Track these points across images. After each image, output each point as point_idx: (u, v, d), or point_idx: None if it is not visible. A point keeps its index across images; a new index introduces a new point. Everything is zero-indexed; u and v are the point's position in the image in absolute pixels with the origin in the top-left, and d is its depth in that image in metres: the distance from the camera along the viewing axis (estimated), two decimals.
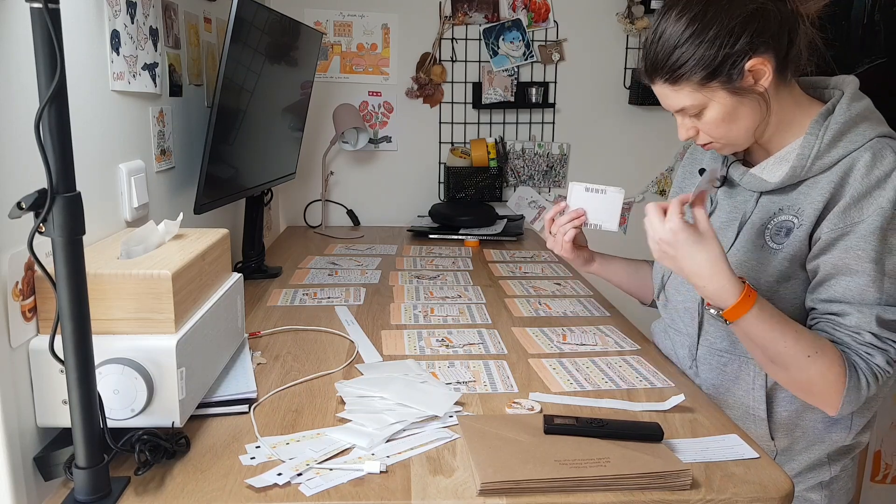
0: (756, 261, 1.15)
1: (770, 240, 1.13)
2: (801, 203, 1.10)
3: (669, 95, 1.11)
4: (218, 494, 0.86)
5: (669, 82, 1.08)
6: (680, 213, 1.06)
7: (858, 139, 1.07)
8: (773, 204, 1.15)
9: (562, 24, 2.63)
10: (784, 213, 1.12)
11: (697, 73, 1.05)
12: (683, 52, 1.04)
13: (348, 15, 2.56)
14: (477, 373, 1.24)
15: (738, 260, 1.16)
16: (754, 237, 1.16)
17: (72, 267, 0.76)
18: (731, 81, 1.04)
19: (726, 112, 1.07)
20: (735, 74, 1.04)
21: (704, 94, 1.07)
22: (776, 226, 1.13)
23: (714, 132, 1.11)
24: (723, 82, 1.05)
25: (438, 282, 1.84)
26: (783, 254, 1.11)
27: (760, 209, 1.16)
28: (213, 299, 1.09)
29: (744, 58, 1.03)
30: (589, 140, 2.73)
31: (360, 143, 2.57)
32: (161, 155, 1.43)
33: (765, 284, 1.13)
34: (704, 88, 1.06)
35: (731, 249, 1.18)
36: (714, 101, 1.07)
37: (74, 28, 1.06)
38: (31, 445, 0.87)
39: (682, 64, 1.05)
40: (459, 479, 0.91)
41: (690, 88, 1.07)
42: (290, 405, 1.11)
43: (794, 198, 1.12)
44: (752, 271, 1.14)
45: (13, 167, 0.84)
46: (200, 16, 1.73)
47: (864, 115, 1.09)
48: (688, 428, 1.06)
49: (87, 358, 0.79)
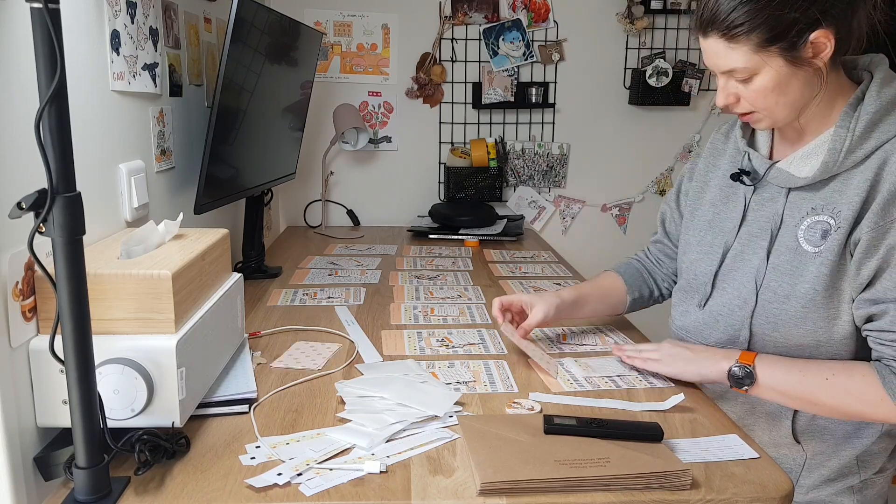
0: (791, 265, 1.09)
1: (805, 241, 1.08)
2: (837, 202, 1.05)
3: (722, 53, 1.03)
4: (218, 494, 0.86)
5: (726, 38, 1.01)
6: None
7: (891, 129, 1.02)
8: (803, 201, 1.09)
9: (562, 24, 2.63)
10: (818, 213, 1.07)
11: (761, 32, 0.98)
12: (750, 7, 0.98)
13: (348, 15, 2.57)
14: (477, 373, 1.24)
15: (774, 264, 1.11)
16: (787, 238, 1.10)
17: (72, 267, 0.76)
18: (792, 49, 0.99)
19: (778, 81, 1.02)
20: (799, 42, 0.98)
21: (761, 56, 1.00)
22: (810, 226, 1.07)
23: (760, 101, 1.05)
24: (783, 49, 0.99)
25: (438, 282, 1.84)
26: (822, 259, 1.05)
27: (791, 207, 1.11)
28: (213, 299, 1.09)
29: (811, 27, 0.97)
30: (589, 140, 2.73)
31: (360, 143, 2.57)
32: (161, 155, 1.43)
33: (803, 294, 1.07)
34: (762, 51, 1.00)
35: (751, 249, 1.15)
36: (768, 66, 1.01)
37: (74, 28, 1.06)
38: (31, 445, 0.87)
39: (747, 21, 0.98)
40: (459, 479, 0.91)
41: (748, 48, 1.00)
42: (290, 405, 1.11)
43: (828, 195, 1.06)
44: (788, 276, 1.09)
45: (13, 167, 0.84)
46: (200, 16, 1.73)
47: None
48: (688, 428, 1.06)
49: (87, 358, 0.79)
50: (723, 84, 1.08)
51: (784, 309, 1.09)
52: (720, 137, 1.29)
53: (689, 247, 1.28)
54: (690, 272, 1.27)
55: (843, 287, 1.05)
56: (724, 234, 1.21)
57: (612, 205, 2.79)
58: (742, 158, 1.20)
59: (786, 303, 1.09)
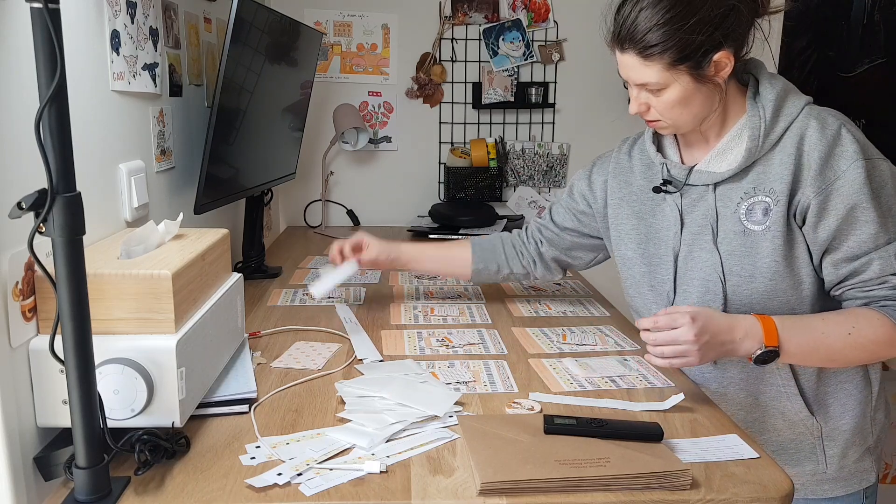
0: (745, 247, 1.16)
1: (748, 222, 1.16)
2: (767, 181, 1.15)
3: (637, 67, 1.13)
4: (218, 494, 0.86)
5: (641, 55, 1.11)
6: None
7: (793, 110, 1.15)
8: (731, 191, 1.18)
9: (562, 24, 2.63)
10: (752, 196, 1.16)
11: (672, 53, 1.09)
12: (664, 31, 1.08)
13: (348, 15, 2.57)
14: (477, 373, 1.24)
15: (728, 250, 1.18)
16: (731, 226, 1.18)
17: (72, 267, 0.76)
18: (698, 68, 1.10)
19: (684, 95, 1.13)
20: (704, 62, 1.10)
21: (671, 73, 1.11)
22: (749, 208, 1.16)
23: (667, 112, 1.16)
24: (690, 67, 1.10)
25: (438, 282, 1.84)
26: (772, 233, 1.14)
27: (721, 199, 1.19)
28: (213, 299, 1.09)
29: (714, 49, 1.09)
30: (589, 140, 2.73)
31: (360, 143, 2.58)
32: (161, 155, 1.43)
33: (766, 269, 1.15)
34: (672, 69, 1.11)
35: (717, 245, 1.19)
36: (677, 82, 1.12)
37: (74, 28, 1.06)
38: (31, 445, 0.87)
39: (660, 43, 1.09)
40: (459, 479, 0.91)
41: (660, 66, 1.11)
42: (290, 405, 1.11)
43: (755, 179, 1.16)
44: (747, 258, 1.16)
45: (13, 167, 0.84)
46: (200, 16, 1.73)
47: (786, 88, 1.17)
48: (688, 428, 1.06)
49: (87, 358, 0.79)
50: (635, 94, 1.18)
51: (754, 288, 1.16)
52: (623, 157, 1.39)
53: (632, 262, 1.33)
54: (644, 284, 1.31)
55: (797, 253, 1.14)
56: (668, 242, 1.26)
57: None
58: (661, 170, 1.28)
59: (752, 282, 1.16)
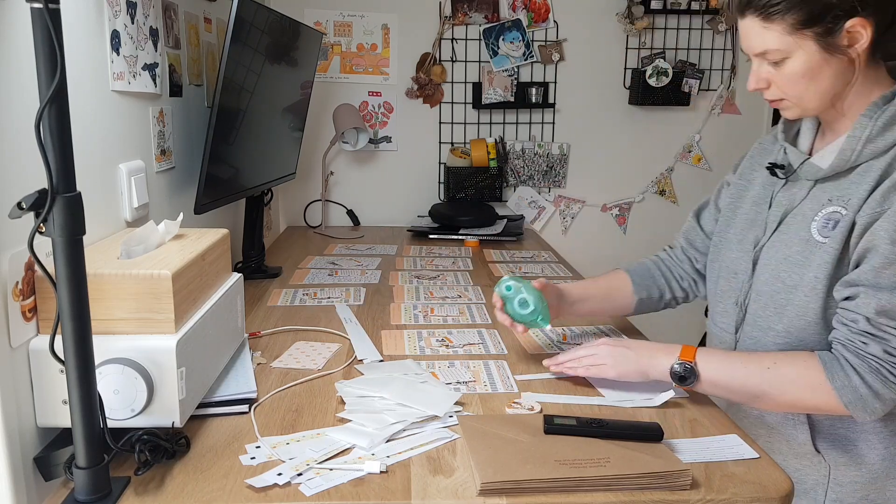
0: (801, 255, 1.08)
1: (817, 233, 1.06)
2: (852, 192, 1.03)
3: (755, 33, 1.03)
4: (218, 494, 0.86)
5: (762, 17, 1.01)
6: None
7: None
8: (823, 193, 1.08)
9: (562, 24, 2.63)
10: (833, 204, 1.05)
11: (796, 14, 0.99)
12: None
13: (348, 15, 2.56)
14: (477, 373, 1.24)
15: (783, 255, 1.10)
16: (800, 229, 1.09)
17: (72, 267, 0.76)
18: (827, 35, 0.99)
19: (810, 66, 1.01)
20: (834, 28, 0.98)
21: (795, 39, 1.00)
22: (824, 217, 1.06)
23: (790, 87, 1.05)
24: (817, 33, 0.99)
25: (438, 282, 1.84)
26: (830, 248, 1.03)
27: (811, 199, 1.09)
28: (213, 299, 1.09)
29: (847, 14, 0.97)
30: (589, 140, 2.73)
31: (360, 143, 2.57)
32: (161, 155, 1.43)
33: (809, 283, 1.05)
34: (796, 34, 1.00)
35: (771, 242, 1.13)
36: (801, 50, 1.01)
37: (74, 28, 1.06)
38: (31, 445, 0.87)
39: (784, 1, 0.99)
40: (459, 479, 0.91)
41: (782, 29, 1.00)
42: (290, 405, 1.11)
43: (846, 186, 1.05)
44: (797, 266, 1.08)
45: (13, 167, 0.84)
46: (200, 16, 1.73)
47: None
48: (688, 428, 1.06)
49: (87, 358, 0.79)
50: (755, 67, 1.07)
51: (790, 299, 1.09)
52: (769, 138, 1.27)
53: (729, 244, 1.23)
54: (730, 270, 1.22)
55: (840, 274, 1.04)
56: (757, 229, 1.18)
57: (612, 205, 2.79)
58: (779, 152, 1.19)
59: (793, 293, 1.08)
